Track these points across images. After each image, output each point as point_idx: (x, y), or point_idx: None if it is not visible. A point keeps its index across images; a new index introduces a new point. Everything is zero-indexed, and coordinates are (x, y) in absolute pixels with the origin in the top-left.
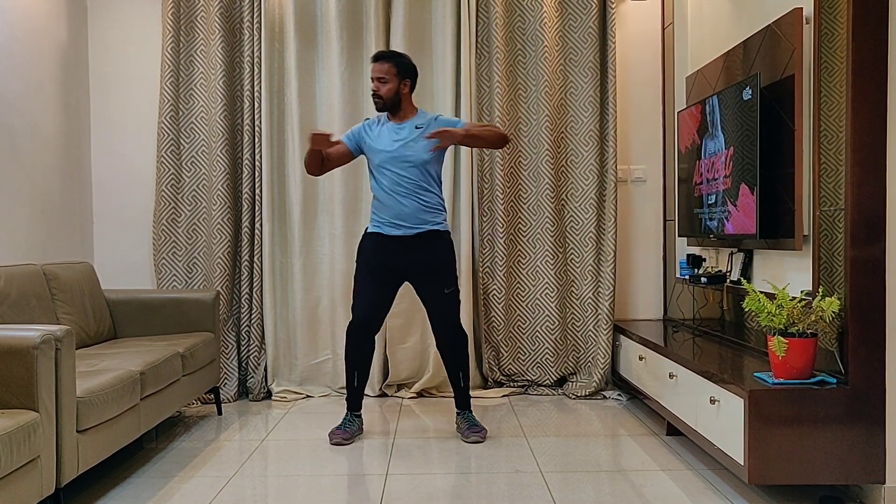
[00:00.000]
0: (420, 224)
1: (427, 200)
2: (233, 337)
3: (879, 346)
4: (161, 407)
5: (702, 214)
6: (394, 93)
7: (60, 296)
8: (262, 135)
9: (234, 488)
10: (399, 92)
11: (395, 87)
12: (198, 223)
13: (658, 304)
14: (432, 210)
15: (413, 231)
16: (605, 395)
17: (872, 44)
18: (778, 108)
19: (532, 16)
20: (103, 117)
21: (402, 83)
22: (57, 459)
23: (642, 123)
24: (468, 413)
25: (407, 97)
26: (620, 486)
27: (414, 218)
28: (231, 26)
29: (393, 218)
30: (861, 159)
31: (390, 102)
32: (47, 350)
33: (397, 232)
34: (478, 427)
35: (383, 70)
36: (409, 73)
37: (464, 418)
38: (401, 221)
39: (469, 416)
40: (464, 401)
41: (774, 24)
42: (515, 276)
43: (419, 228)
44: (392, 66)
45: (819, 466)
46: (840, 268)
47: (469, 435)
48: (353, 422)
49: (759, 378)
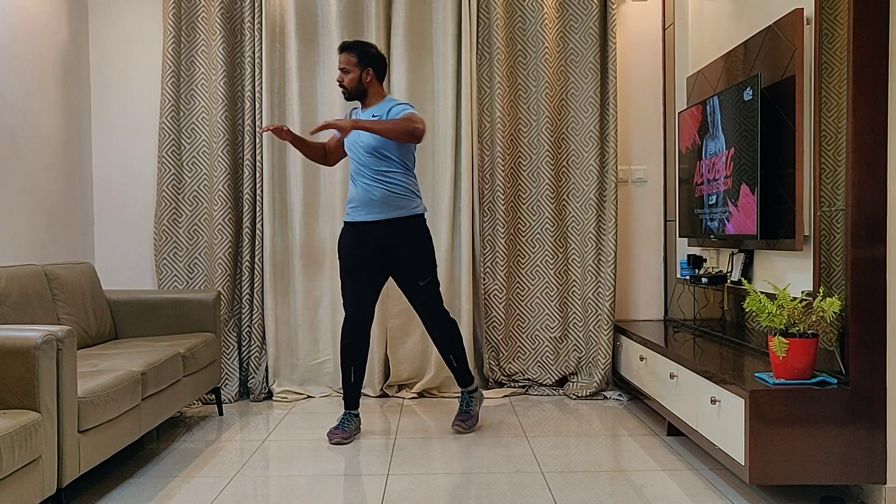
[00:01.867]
0: (385, 210)
1: (391, 185)
2: (234, 337)
3: (880, 346)
4: (162, 407)
5: (702, 215)
6: (356, 82)
7: (61, 296)
8: (262, 135)
9: (236, 489)
10: (362, 80)
11: (358, 76)
12: (199, 223)
13: (659, 305)
14: (399, 195)
15: (380, 217)
16: (606, 396)
17: (873, 44)
18: (778, 109)
19: (533, 16)
20: (104, 118)
21: (364, 72)
22: (58, 460)
23: (643, 124)
24: (466, 395)
25: (372, 85)
26: (621, 487)
27: (380, 203)
28: (232, 26)
29: (359, 203)
30: (862, 159)
31: (354, 91)
32: (48, 350)
33: (365, 217)
34: (466, 415)
35: (345, 60)
36: (371, 61)
37: (461, 400)
38: (366, 206)
39: (466, 398)
40: (461, 379)
41: (775, 25)
42: (516, 276)
43: (385, 215)
44: (353, 56)
45: (820, 467)
46: (841, 268)
47: (455, 422)
48: (352, 421)
49: (760, 378)
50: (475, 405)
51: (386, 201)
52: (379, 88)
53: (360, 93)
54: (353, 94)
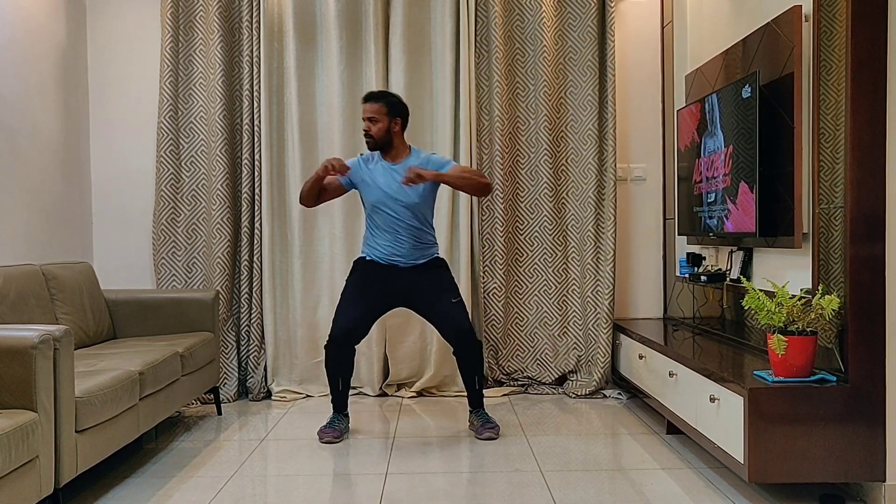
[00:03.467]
0: (415, 259)
1: (420, 239)
2: (232, 337)
3: (879, 343)
4: (160, 407)
5: (701, 213)
6: (384, 132)
7: (59, 296)
8: (261, 134)
9: (234, 488)
10: (390, 131)
11: (387, 125)
12: (197, 223)
13: (658, 303)
14: (426, 246)
15: (409, 264)
16: (606, 394)
17: (871, 41)
18: (777, 106)
19: (531, 15)
20: (102, 117)
21: (392, 122)
22: (56, 459)
23: (642, 122)
24: (482, 411)
25: (398, 135)
26: (620, 485)
27: (409, 254)
28: (230, 26)
29: (388, 255)
30: (860, 157)
31: (381, 141)
32: (45, 350)
33: (393, 263)
34: (491, 424)
35: (374, 110)
36: (399, 111)
37: (477, 416)
38: (396, 257)
39: (483, 413)
40: (477, 401)
41: (774, 22)
42: (514, 275)
43: (414, 262)
44: (382, 106)
45: (819, 464)
46: (839, 265)
47: (482, 432)
48: (341, 420)
49: (759, 376)
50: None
51: (414, 252)
52: (403, 139)
53: (388, 142)
54: (379, 144)
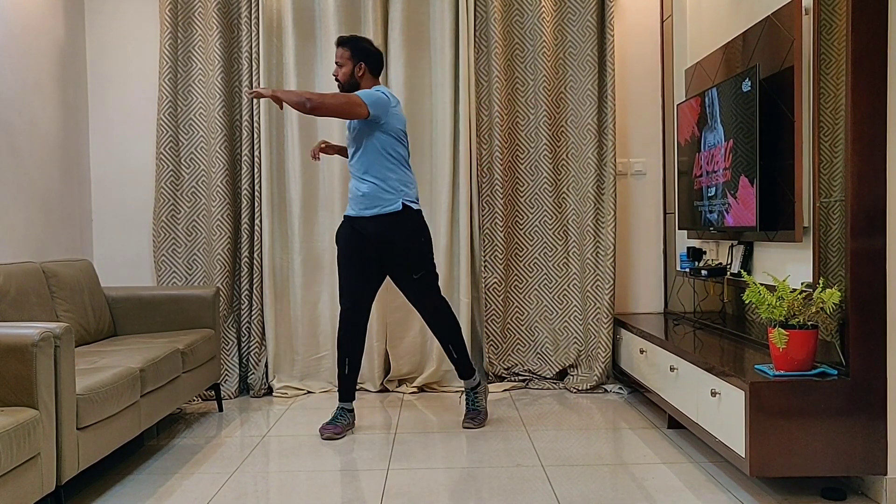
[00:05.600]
0: (374, 205)
1: (381, 179)
2: (233, 333)
3: (880, 337)
4: (161, 404)
5: (702, 207)
6: (349, 75)
7: (60, 293)
8: (260, 131)
9: (236, 484)
10: (354, 74)
11: (350, 69)
12: (197, 220)
13: (659, 298)
14: (390, 190)
15: (371, 212)
16: (606, 389)
17: (872, 35)
18: (777, 100)
19: (530, 10)
20: (102, 114)
21: (356, 66)
22: (57, 457)
23: (641, 116)
24: (471, 393)
25: (365, 79)
26: (622, 480)
27: (369, 198)
28: (229, 22)
29: (351, 198)
30: (861, 150)
31: (347, 85)
32: (46, 348)
33: (359, 213)
34: (475, 412)
35: (339, 54)
36: (363, 55)
37: (467, 399)
38: (357, 201)
39: (472, 396)
40: (462, 370)
41: (774, 16)
42: (514, 270)
43: (376, 210)
44: (346, 50)
45: (820, 458)
46: (840, 259)
47: (465, 421)
48: (345, 416)
49: (760, 370)
50: (481, 400)
51: (374, 196)
52: (373, 83)
53: (353, 86)
54: (347, 88)
